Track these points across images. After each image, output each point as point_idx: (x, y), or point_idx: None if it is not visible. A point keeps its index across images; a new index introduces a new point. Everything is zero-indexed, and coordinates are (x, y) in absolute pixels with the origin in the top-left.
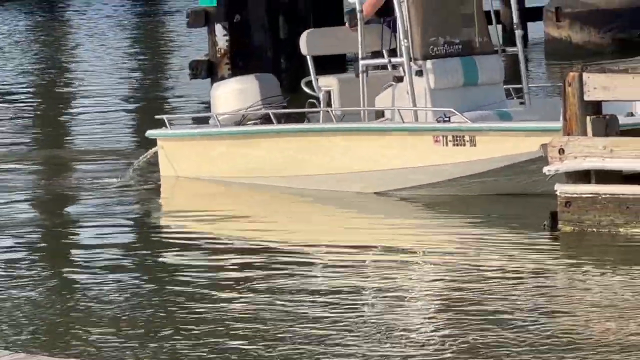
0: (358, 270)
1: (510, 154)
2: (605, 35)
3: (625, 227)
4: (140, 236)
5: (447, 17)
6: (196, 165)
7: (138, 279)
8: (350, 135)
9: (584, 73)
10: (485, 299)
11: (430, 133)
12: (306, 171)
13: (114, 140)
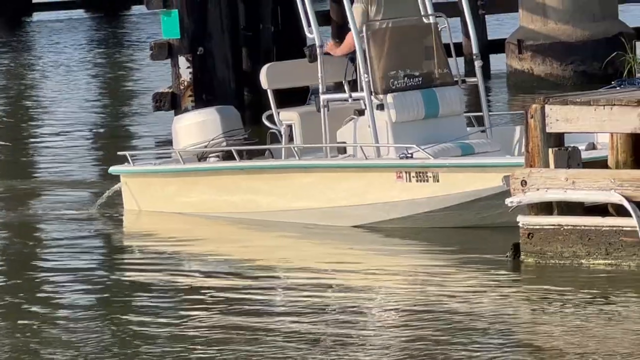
0: (318, 293)
1: (473, 190)
2: (567, 68)
3: (587, 259)
4: (100, 266)
5: (407, 50)
6: (159, 201)
7: (100, 305)
8: (312, 172)
9: (546, 105)
10: (445, 329)
11: (393, 169)
12: (267, 208)
13: (77, 172)
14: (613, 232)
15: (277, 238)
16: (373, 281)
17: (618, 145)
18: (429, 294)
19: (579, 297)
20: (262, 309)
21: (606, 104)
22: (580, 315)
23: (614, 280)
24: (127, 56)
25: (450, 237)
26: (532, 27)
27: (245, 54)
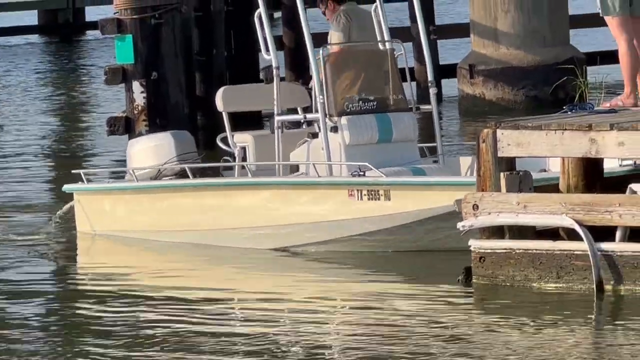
0: (270, 322)
1: (424, 208)
2: (519, 93)
3: (539, 282)
4: (54, 291)
5: (363, 75)
6: (113, 219)
7: (52, 331)
8: (263, 189)
9: (498, 129)
10: (398, 354)
11: (345, 187)
12: (221, 226)
13: (31, 195)
14: (564, 256)
15: (226, 263)
16: (327, 307)
17: (569, 169)
18: (381, 320)
19: (531, 320)
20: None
21: (557, 128)
22: (532, 339)
23: (565, 304)
24: (81, 81)
25: (403, 261)
26: (483, 51)
27: (199, 79)
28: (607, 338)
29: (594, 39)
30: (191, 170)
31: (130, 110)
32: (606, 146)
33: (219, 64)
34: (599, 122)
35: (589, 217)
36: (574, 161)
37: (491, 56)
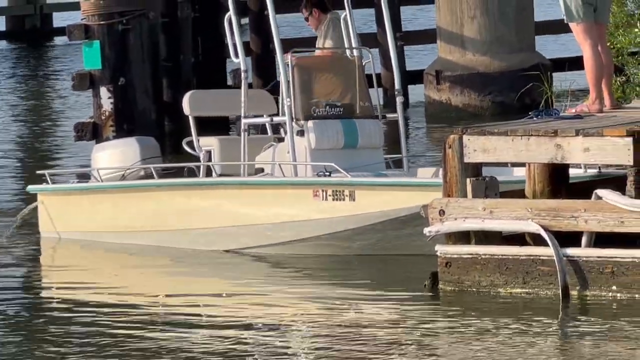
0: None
1: (389, 209)
2: (485, 99)
3: (505, 288)
4: (15, 296)
5: (331, 81)
6: (77, 220)
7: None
8: (226, 189)
9: (464, 135)
10: (362, 357)
11: (310, 187)
12: (184, 226)
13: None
14: (530, 261)
15: (186, 265)
16: (292, 310)
17: (535, 175)
18: (346, 324)
19: (496, 326)
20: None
21: (523, 134)
22: (497, 344)
23: (531, 309)
24: (49, 86)
25: (369, 265)
26: (450, 58)
27: (166, 84)
28: (573, 343)
29: (560, 45)
30: (156, 171)
31: (97, 116)
32: (572, 152)
33: (186, 70)
34: (564, 128)
35: (555, 222)
36: (540, 167)
37: (457, 62)
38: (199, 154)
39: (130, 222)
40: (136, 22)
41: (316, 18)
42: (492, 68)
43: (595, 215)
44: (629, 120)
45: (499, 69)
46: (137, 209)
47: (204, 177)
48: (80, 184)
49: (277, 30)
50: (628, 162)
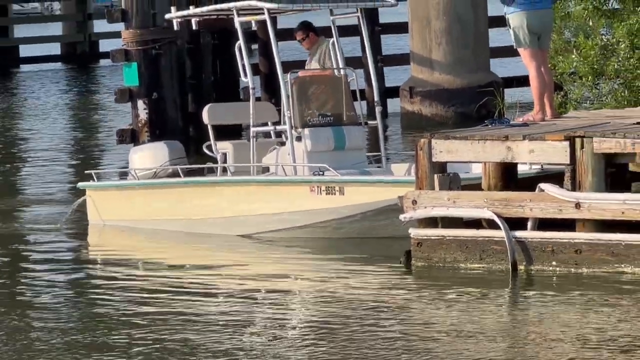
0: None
1: (371, 202)
2: (449, 110)
3: (465, 263)
4: (68, 272)
5: (322, 95)
6: (118, 210)
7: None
8: (241, 186)
9: (432, 139)
10: (351, 324)
11: (307, 184)
12: (205, 215)
13: (54, 192)
14: (486, 241)
15: (211, 247)
16: (292, 281)
17: (490, 172)
18: (336, 291)
19: (458, 293)
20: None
21: (480, 138)
22: (459, 308)
23: (486, 281)
24: (95, 100)
25: (353, 246)
26: (421, 76)
27: (191, 99)
28: (520, 308)
29: (510, 67)
30: (182, 170)
31: (135, 124)
32: (520, 153)
33: (207, 87)
34: (513, 134)
35: (506, 210)
36: (493, 165)
37: (427, 80)
38: (216, 156)
39: (160, 212)
40: (167, 48)
41: (312, 40)
42: (455, 85)
43: (539, 204)
44: (566, 128)
45: (460, 85)
46: (166, 202)
47: (221, 175)
48: (120, 181)
49: (278, 55)
50: (565, 161)
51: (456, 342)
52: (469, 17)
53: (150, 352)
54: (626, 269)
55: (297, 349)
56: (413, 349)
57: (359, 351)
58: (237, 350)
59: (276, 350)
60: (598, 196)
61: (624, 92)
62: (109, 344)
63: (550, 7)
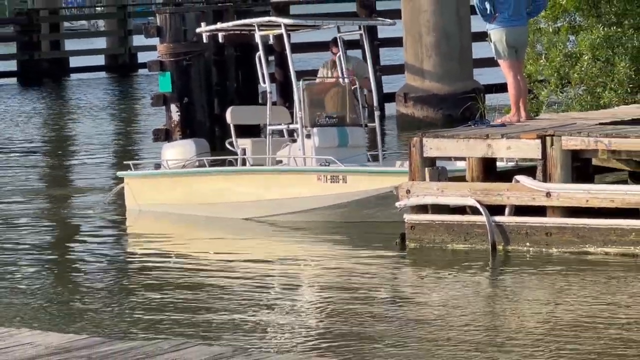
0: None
1: (370, 189)
2: (438, 113)
3: (452, 244)
4: (109, 249)
5: (329, 100)
6: (152, 196)
7: (115, 276)
8: (259, 174)
9: (424, 138)
10: (352, 296)
11: (315, 173)
12: (227, 200)
13: (98, 180)
14: (469, 225)
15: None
16: (300, 268)
17: (473, 165)
18: (338, 268)
19: (446, 269)
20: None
21: (465, 137)
22: (447, 281)
23: (470, 259)
24: (134, 104)
25: (353, 229)
26: (414, 84)
27: (216, 103)
28: (499, 280)
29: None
30: (207, 162)
31: (169, 124)
32: (499, 149)
33: (231, 92)
34: (493, 133)
35: (487, 198)
36: (476, 160)
37: (419, 87)
38: (237, 150)
39: (188, 197)
40: (196, 59)
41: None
42: (443, 91)
43: (515, 193)
44: (538, 128)
45: (447, 92)
46: (193, 189)
47: (240, 166)
48: (154, 170)
49: (292, 65)
50: (538, 156)
51: (444, 311)
52: (454, 33)
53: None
54: (590, 249)
55: (306, 320)
56: (406, 317)
57: (359, 318)
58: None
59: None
60: (565, 187)
61: (587, 97)
62: (137, 309)
63: (526, 25)
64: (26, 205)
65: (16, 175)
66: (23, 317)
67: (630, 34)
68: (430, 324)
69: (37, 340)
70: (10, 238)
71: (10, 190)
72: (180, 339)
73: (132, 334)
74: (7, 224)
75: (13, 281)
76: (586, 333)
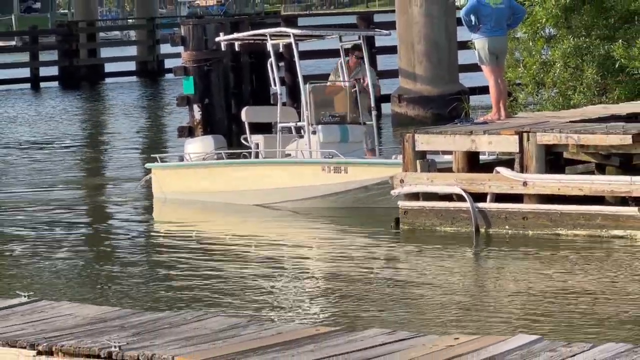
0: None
1: (369, 178)
2: (428, 112)
3: (441, 227)
4: (138, 234)
5: (332, 100)
6: (176, 185)
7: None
8: (270, 165)
9: (415, 134)
10: (352, 273)
11: (320, 164)
12: (243, 188)
13: (129, 170)
14: (455, 210)
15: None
16: (307, 247)
17: (458, 158)
18: (339, 249)
19: (436, 249)
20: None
21: (451, 133)
22: (436, 260)
23: (456, 239)
24: (161, 104)
25: (353, 214)
26: (407, 86)
27: (234, 104)
28: (482, 258)
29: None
30: (226, 155)
31: (192, 122)
32: (481, 144)
33: (246, 94)
34: (476, 130)
35: (471, 187)
36: (461, 153)
37: (411, 89)
38: (251, 145)
39: (208, 186)
40: (215, 65)
41: (354, 61)
42: (433, 93)
43: (495, 182)
44: (516, 125)
45: (436, 93)
46: (213, 178)
47: (254, 159)
48: (178, 162)
49: (300, 70)
50: (515, 150)
51: (432, 285)
52: (443, 42)
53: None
54: (561, 231)
55: (313, 292)
56: (399, 292)
57: (359, 289)
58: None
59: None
60: (540, 177)
61: (559, 99)
62: (164, 284)
63: (505, 35)
64: (66, 192)
65: (58, 167)
66: (63, 292)
67: (597, 44)
68: (420, 293)
69: (76, 312)
70: (50, 222)
71: (52, 180)
72: (201, 310)
73: (159, 306)
74: (48, 210)
75: (53, 259)
76: (557, 301)
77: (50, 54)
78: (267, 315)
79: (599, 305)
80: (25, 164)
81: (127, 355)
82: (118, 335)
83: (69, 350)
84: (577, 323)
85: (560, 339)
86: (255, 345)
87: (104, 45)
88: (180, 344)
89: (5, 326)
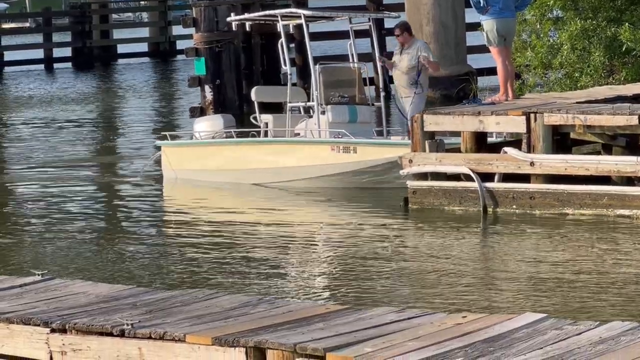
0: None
1: (377, 158)
2: (437, 93)
3: (449, 206)
4: (148, 211)
5: (341, 81)
6: (185, 163)
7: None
8: (280, 144)
9: (424, 114)
10: (364, 250)
11: (329, 144)
12: (252, 167)
13: (141, 148)
14: (463, 190)
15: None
16: (317, 224)
17: (466, 139)
18: (350, 226)
19: (444, 228)
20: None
21: (460, 114)
22: (444, 238)
23: (464, 218)
24: (173, 85)
25: (363, 193)
26: None
27: (244, 84)
28: (489, 237)
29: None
30: (235, 134)
31: (203, 103)
32: (489, 125)
33: (256, 75)
34: (484, 110)
35: (479, 167)
36: (469, 134)
37: None
38: (260, 124)
39: (217, 164)
40: (227, 46)
41: (404, 38)
42: (441, 74)
43: (503, 162)
44: (523, 106)
45: (445, 74)
46: (222, 157)
47: (263, 137)
48: (188, 140)
49: (310, 51)
50: (523, 130)
51: (441, 263)
52: (451, 23)
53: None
54: (568, 210)
55: (322, 270)
56: (407, 271)
57: (368, 271)
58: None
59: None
60: (547, 157)
61: (566, 81)
62: (175, 262)
63: (514, 17)
64: (79, 170)
65: (72, 145)
66: (76, 270)
67: (604, 26)
68: (429, 272)
69: (89, 290)
70: (64, 199)
71: (66, 158)
72: (212, 289)
73: (171, 285)
74: (62, 187)
75: (66, 238)
76: (564, 279)
77: (64, 36)
78: (277, 293)
79: (604, 284)
80: (39, 143)
81: (139, 333)
82: (130, 314)
83: (82, 328)
84: (583, 301)
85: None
86: (266, 323)
87: (116, 26)
88: (192, 322)
89: (19, 304)
